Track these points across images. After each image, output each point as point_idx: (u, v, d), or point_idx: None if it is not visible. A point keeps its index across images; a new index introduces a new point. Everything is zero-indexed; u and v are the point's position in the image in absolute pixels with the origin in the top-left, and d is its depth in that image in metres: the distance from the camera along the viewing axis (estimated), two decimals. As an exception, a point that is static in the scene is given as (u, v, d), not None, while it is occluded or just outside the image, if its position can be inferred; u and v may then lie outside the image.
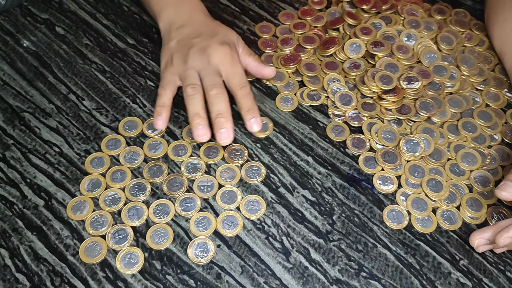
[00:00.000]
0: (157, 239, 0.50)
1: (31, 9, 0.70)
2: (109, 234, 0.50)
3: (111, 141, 0.57)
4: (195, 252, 0.50)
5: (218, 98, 0.54)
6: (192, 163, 0.55)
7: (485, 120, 0.60)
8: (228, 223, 0.51)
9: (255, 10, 0.72)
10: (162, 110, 0.55)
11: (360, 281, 0.49)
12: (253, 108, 0.55)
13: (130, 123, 0.59)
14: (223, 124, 0.52)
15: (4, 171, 0.55)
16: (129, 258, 0.49)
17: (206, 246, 0.50)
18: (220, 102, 0.54)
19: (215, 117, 0.53)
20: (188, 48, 0.57)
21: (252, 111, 0.55)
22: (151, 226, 0.51)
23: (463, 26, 0.68)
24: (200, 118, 0.53)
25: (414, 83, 0.60)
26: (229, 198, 0.53)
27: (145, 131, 0.58)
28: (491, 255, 0.51)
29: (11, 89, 0.62)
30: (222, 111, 0.53)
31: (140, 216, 0.52)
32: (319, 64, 0.64)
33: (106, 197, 0.53)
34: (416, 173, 0.55)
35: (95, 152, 0.56)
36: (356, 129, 0.60)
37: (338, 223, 0.52)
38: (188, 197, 0.53)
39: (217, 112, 0.53)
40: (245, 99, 0.55)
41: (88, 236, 0.50)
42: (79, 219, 0.51)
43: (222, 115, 0.53)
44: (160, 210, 0.52)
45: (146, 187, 0.54)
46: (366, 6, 0.67)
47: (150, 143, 0.57)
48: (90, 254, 0.49)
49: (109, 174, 0.54)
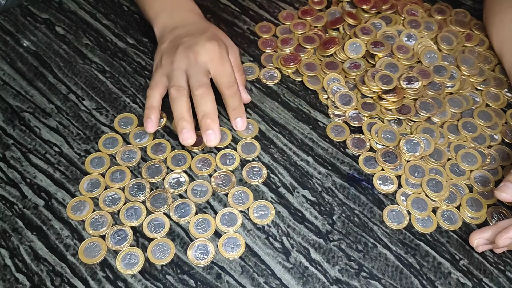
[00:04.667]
0: (158, 254, 0.50)
1: (31, 9, 0.70)
2: (109, 235, 0.50)
3: (108, 140, 0.57)
4: (195, 254, 0.49)
5: (204, 99, 0.53)
6: (175, 177, 0.55)
7: (485, 120, 0.60)
8: (227, 219, 0.52)
9: (255, 10, 0.72)
10: (151, 112, 0.54)
11: (360, 281, 0.49)
12: (240, 108, 0.56)
13: (125, 120, 0.59)
14: (209, 126, 0.52)
15: (4, 171, 0.55)
16: (129, 258, 0.49)
17: (206, 248, 0.50)
18: (206, 103, 0.53)
19: (201, 118, 0.53)
20: (176, 47, 0.57)
21: (238, 110, 0.56)
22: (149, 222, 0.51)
23: (463, 26, 0.68)
24: (185, 121, 0.52)
25: (414, 83, 0.60)
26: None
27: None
28: (491, 255, 0.51)
29: (11, 89, 0.62)
30: (208, 112, 0.53)
31: (139, 216, 0.52)
32: (319, 64, 0.64)
33: (106, 197, 0.53)
34: (416, 173, 0.55)
35: (95, 152, 0.56)
36: (356, 129, 0.60)
37: (338, 223, 0.52)
38: (182, 203, 0.53)
39: (202, 113, 0.53)
40: (232, 98, 0.56)
41: (88, 236, 0.50)
42: (79, 219, 0.51)
43: (208, 116, 0.53)
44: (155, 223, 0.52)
45: (146, 187, 0.54)
46: (366, 6, 0.67)
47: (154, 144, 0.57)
48: (89, 255, 0.49)
49: (108, 174, 0.54)
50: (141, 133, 0.58)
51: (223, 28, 0.68)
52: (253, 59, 0.66)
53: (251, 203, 0.53)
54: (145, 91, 0.62)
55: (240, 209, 0.52)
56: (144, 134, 0.58)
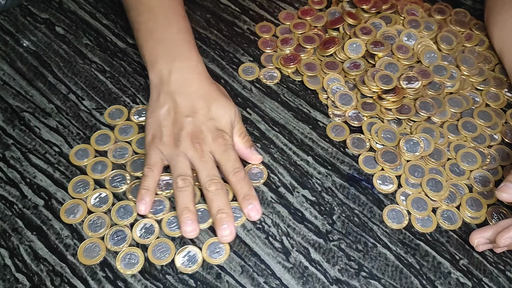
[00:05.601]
0: (158, 254, 0.49)
1: (31, 9, 0.70)
2: (107, 236, 0.50)
3: (101, 137, 0.58)
4: (182, 259, 0.49)
5: (218, 195, 0.51)
6: (164, 179, 0.54)
7: (485, 120, 0.60)
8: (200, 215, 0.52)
9: (255, 10, 0.72)
10: (146, 194, 0.51)
11: (360, 281, 0.49)
12: (250, 194, 0.52)
13: (115, 112, 0.60)
14: (224, 220, 0.50)
15: (4, 171, 0.55)
16: (129, 258, 0.49)
17: (195, 256, 0.49)
18: (220, 198, 0.51)
19: (215, 213, 0.50)
20: (179, 128, 0.53)
21: (248, 197, 0.52)
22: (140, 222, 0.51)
23: (463, 26, 0.68)
24: (190, 212, 0.50)
25: (414, 83, 0.60)
26: None
27: (131, 117, 0.59)
28: (491, 255, 0.51)
29: (11, 89, 0.62)
30: (223, 207, 0.50)
31: (131, 214, 0.52)
32: (319, 64, 0.64)
33: (93, 200, 0.53)
34: (416, 173, 0.55)
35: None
36: (356, 129, 0.60)
37: (338, 223, 0.52)
38: (157, 200, 0.53)
39: (217, 208, 0.50)
40: (240, 184, 0.52)
41: (88, 237, 0.50)
42: (74, 222, 0.51)
43: (223, 211, 0.50)
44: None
45: (126, 177, 0.54)
46: (366, 6, 0.67)
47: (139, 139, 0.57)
48: (88, 255, 0.49)
49: (90, 165, 0.55)
50: (126, 127, 0.58)
51: (223, 28, 0.68)
52: (253, 59, 0.66)
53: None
54: (145, 91, 0.62)
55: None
56: (130, 128, 0.58)
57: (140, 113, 0.59)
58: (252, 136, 0.58)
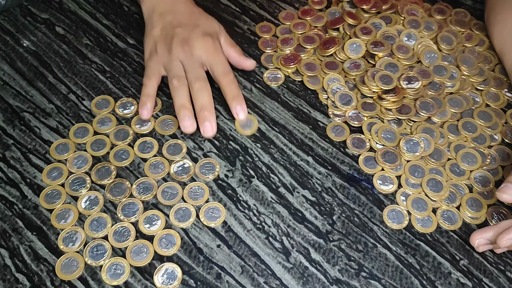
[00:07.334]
0: (137, 257, 0.49)
1: (31, 9, 0.70)
2: (86, 251, 0.49)
3: (79, 130, 0.58)
4: (162, 278, 0.48)
5: (201, 92, 0.56)
6: (144, 184, 0.54)
7: (485, 120, 0.60)
8: (210, 212, 0.52)
9: (255, 10, 0.72)
10: (147, 100, 0.57)
11: (360, 281, 0.49)
12: (238, 95, 0.57)
13: (102, 101, 0.60)
14: (206, 118, 0.55)
15: (4, 171, 0.55)
16: (115, 269, 0.48)
17: (174, 273, 0.48)
18: (203, 96, 0.56)
19: (199, 110, 0.55)
20: (170, 37, 0.59)
21: (237, 98, 0.57)
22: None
23: (463, 26, 0.68)
24: (186, 109, 0.55)
25: (414, 83, 0.60)
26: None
27: (116, 110, 0.59)
28: (491, 255, 0.51)
29: (11, 89, 0.62)
30: (206, 104, 0.55)
31: (105, 225, 0.51)
32: (319, 64, 0.64)
33: (59, 212, 0.51)
34: (416, 173, 0.55)
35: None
36: (356, 129, 0.60)
37: (338, 223, 0.52)
38: (131, 202, 0.52)
39: (200, 106, 0.55)
40: (230, 86, 0.57)
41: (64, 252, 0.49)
42: (62, 227, 0.51)
43: (206, 108, 0.55)
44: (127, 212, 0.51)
45: (86, 180, 0.53)
46: (366, 6, 0.67)
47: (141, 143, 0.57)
48: (67, 271, 0.48)
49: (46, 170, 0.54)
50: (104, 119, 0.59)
51: (224, 28, 0.68)
52: (253, 59, 0.66)
53: (204, 201, 0.53)
54: (145, 91, 0.62)
55: (195, 204, 0.52)
56: (109, 120, 0.58)
57: (125, 106, 0.60)
58: (252, 136, 0.58)
